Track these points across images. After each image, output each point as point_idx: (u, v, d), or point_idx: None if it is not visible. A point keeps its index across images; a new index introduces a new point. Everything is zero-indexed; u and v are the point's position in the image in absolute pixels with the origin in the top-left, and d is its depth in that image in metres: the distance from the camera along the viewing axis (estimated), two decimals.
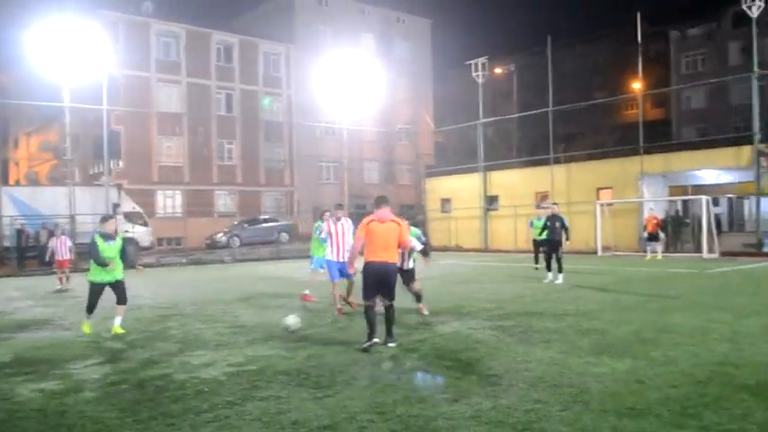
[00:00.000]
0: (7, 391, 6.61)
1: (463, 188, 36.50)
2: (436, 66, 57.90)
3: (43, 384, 6.82)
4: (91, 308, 9.75)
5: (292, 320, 9.12)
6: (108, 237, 9.87)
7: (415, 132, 54.04)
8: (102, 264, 9.64)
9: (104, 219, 10.37)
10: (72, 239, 27.99)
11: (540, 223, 17.18)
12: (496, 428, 4.92)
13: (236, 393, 6.17)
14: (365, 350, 7.83)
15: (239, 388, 6.37)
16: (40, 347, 9.12)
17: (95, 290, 9.79)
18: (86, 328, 9.90)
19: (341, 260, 11.05)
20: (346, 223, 11.53)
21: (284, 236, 37.19)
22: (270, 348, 8.25)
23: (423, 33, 56.74)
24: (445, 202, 37.85)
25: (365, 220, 8.30)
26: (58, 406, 5.99)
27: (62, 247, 18.48)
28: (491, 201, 35.11)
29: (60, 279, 18.18)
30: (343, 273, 11.00)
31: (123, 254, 10.09)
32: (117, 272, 9.88)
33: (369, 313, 8.12)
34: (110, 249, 9.78)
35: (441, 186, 38.47)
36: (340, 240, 11.32)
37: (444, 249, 33.50)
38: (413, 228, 11.05)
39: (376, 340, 8.00)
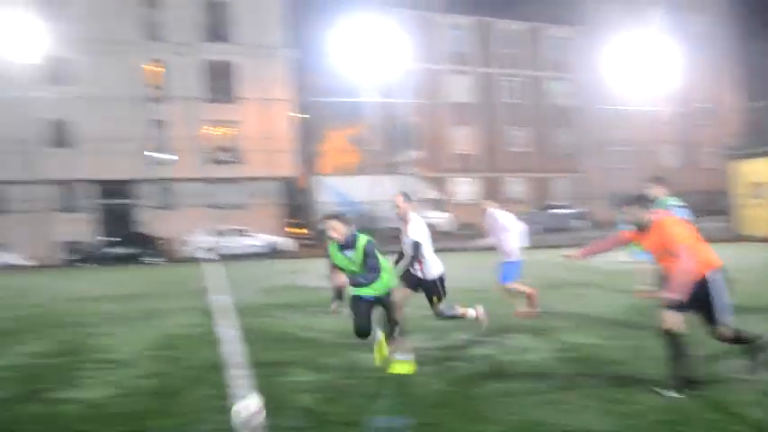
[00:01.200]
0: (354, 359, 7.38)
1: None
2: (740, 37, 51.91)
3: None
4: (355, 329, 6.78)
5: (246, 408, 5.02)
6: (344, 245, 6.62)
7: (718, 111, 49.26)
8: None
9: (324, 219, 6.92)
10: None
11: None
12: None
13: (566, 378, 6.19)
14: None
15: (567, 374, 6.38)
16: None
17: (352, 304, 6.83)
18: (382, 357, 6.85)
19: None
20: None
21: (577, 222, 36.37)
22: (587, 337, 8.07)
23: (720, 3, 51.39)
24: (758, 187, 33.84)
25: (675, 218, 6.27)
26: (397, 375, 6.57)
27: None
28: None
29: None
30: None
31: (372, 265, 6.59)
32: (372, 287, 6.68)
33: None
34: (342, 261, 6.69)
35: (752, 169, 34.48)
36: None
37: (753, 240, 29.80)
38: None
39: None
